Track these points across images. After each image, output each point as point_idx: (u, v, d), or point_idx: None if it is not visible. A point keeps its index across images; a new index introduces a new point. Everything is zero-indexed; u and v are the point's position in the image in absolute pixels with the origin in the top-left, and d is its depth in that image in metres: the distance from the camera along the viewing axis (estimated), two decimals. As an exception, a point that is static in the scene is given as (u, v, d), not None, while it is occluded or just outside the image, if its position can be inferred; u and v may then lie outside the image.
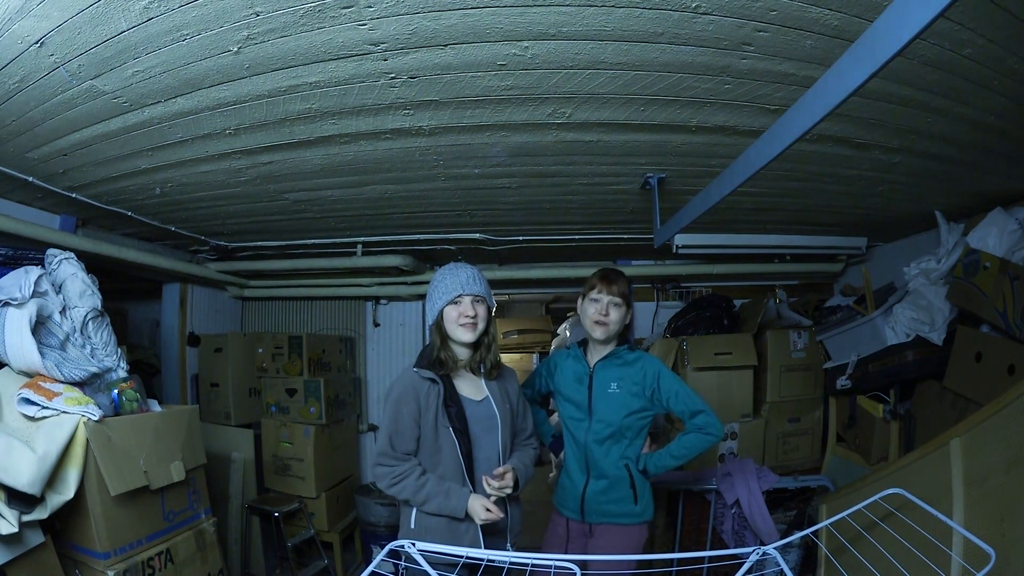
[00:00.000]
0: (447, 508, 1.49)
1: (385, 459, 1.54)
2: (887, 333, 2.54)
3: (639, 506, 1.79)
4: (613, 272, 1.86)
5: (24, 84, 1.38)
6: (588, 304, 1.85)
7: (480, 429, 1.58)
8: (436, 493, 1.49)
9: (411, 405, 1.53)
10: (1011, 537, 1.24)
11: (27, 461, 1.57)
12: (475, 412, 1.59)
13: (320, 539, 3.17)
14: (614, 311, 1.80)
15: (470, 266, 1.63)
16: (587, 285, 1.87)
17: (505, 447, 1.62)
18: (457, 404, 1.56)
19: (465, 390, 1.61)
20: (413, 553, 1.11)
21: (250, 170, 2.01)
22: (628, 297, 1.84)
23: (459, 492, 1.50)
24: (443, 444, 1.53)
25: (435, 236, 3.01)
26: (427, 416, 1.53)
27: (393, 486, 1.52)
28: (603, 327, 1.80)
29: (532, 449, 1.75)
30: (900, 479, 1.63)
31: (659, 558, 1.13)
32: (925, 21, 0.72)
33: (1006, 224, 2.17)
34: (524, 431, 1.76)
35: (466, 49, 1.29)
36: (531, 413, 1.82)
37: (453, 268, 1.60)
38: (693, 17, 1.18)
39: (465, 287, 1.55)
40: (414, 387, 1.54)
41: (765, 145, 1.28)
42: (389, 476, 1.52)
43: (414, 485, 1.50)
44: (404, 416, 1.53)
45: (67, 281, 2.02)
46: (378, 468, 1.55)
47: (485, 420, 1.60)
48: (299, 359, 3.33)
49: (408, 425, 1.53)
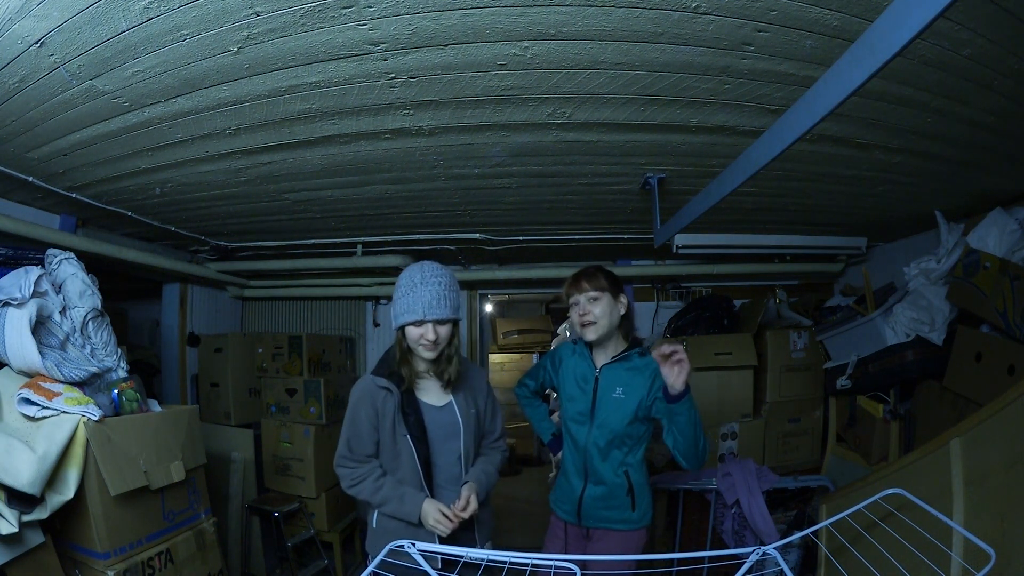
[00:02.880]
0: (402, 513, 1.50)
1: (345, 461, 1.57)
2: (887, 333, 2.54)
3: (637, 513, 1.75)
4: (580, 272, 1.79)
5: (24, 84, 1.38)
6: (572, 312, 1.80)
7: (441, 435, 1.56)
8: (391, 497, 1.50)
9: (368, 410, 1.53)
10: (1011, 537, 1.24)
11: (27, 461, 1.57)
12: (436, 418, 1.57)
13: (320, 539, 3.17)
14: (595, 306, 1.73)
15: (437, 278, 1.50)
16: (564, 296, 1.82)
17: (468, 453, 1.60)
18: (416, 412, 1.54)
19: (426, 396, 1.58)
20: (413, 553, 1.11)
21: (250, 170, 2.01)
22: (608, 287, 1.74)
23: (413, 497, 1.50)
24: (401, 451, 1.53)
25: (435, 236, 3.01)
26: (384, 422, 1.53)
27: (352, 487, 1.55)
28: (591, 326, 1.74)
29: (499, 452, 1.73)
30: (900, 479, 1.63)
31: (659, 558, 1.13)
32: (925, 21, 0.72)
33: (1006, 224, 2.17)
34: (492, 433, 1.73)
35: (466, 49, 1.29)
36: (500, 416, 1.76)
37: (420, 282, 1.48)
38: (693, 17, 1.18)
39: (427, 312, 1.46)
40: (371, 394, 1.54)
41: (765, 145, 1.28)
42: (348, 478, 1.56)
43: (371, 487, 1.53)
44: (362, 420, 1.54)
45: (67, 281, 2.02)
46: (338, 469, 1.58)
47: (446, 426, 1.57)
48: (299, 359, 3.33)
49: (366, 430, 1.54)
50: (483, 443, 1.71)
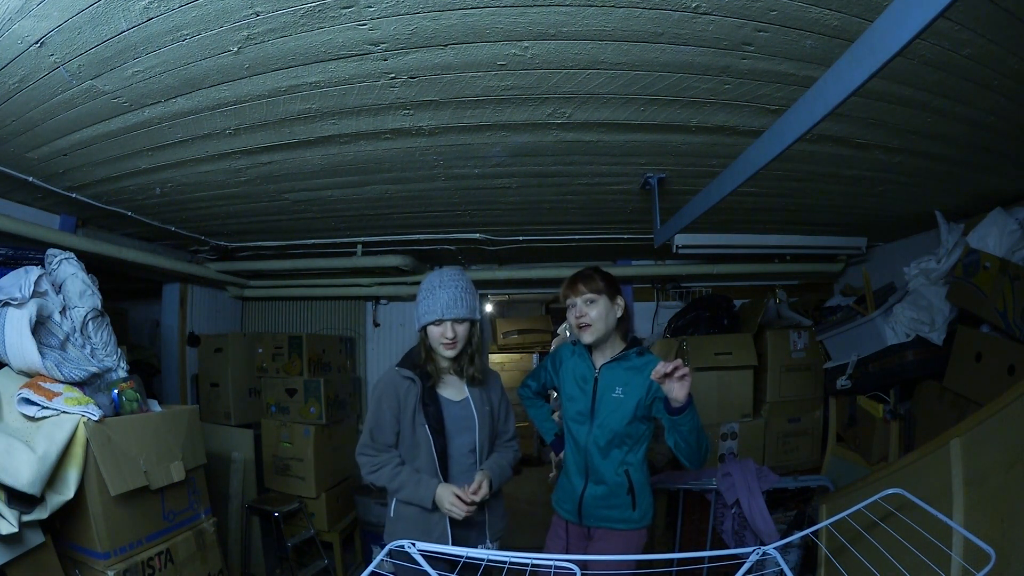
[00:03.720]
0: (416, 497, 1.58)
1: (366, 449, 1.67)
2: (887, 333, 2.54)
3: (637, 512, 1.76)
4: (577, 275, 1.80)
5: (24, 84, 1.38)
6: (569, 314, 1.81)
7: (457, 428, 1.66)
8: (408, 482, 1.60)
9: (391, 401, 1.63)
10: (1011, 537, 1.24)
11: (27, 461, 1.57)
12: (453, 412, 1.67)
13: (320, 539, 3.17)
14: (591, 308, 1.74)
15: (455, 281, 1.62)
16: (561, 299, 1.83)
17: (482, 447, 1.69)
18: (435, 404, 1.64)
19: (446, 391, 1.69)
20: (413, 553, 1.11)
21: (250, 170, 2.01)
22: (605, 289, 1.75)
23: (428, 482, 1.59)
24: (420, 441, 1.63)
25: (435, 236, 3.01)
26: (406, 413, 1.63)
27: (372, 473, 1.64)
28: (587, 328, 1.75)
29: (512, 451, 1.81)
30: (900, 479, 1.63)
31: (659, 558, 1.13)
32: (925, 21, 0.72)
33: (1006, 224, 2.17)
34: (505, 433, 1.82)
35: (466, 49, 1.29)
36: (512, 417, 1.85)
37: (439, 286, 1.61)
38: (693, 17, 1.18)
39: (445, 312, 1.58)
40: (395, 385, 1.64)
41: (765, 145, 1.28)
42: (369, 465, 1.65)
43: (390, 473, 1.62)
44: (384, 411, 1.64)
45: (67, 281, 2.02)
46: (360, 457, 1.68)
47: (462, 420, 1.67)
48: (299, 359, 3.33)
49: (388, 420, 1.64)
50: (497, 442, 1.80)
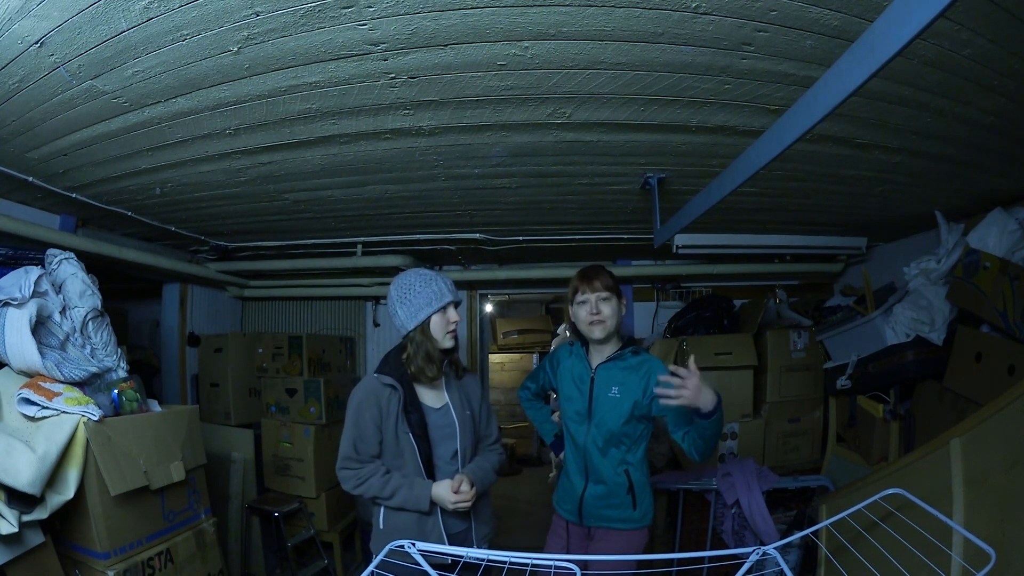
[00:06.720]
0: (412, 499, 1.54)
1: (349, 463, 1.60)
2: (887, 333, 2.54)
3: (638, 512, 1.76)
4: (591, 269, 1.81)
5: (24, 84, 1.37)
6: (578, 308, 1.81)
7: (439, 436, 1.63)
8: (401, 486, 1.55)
9: (372, 411, 1.58)
10: (1011, 537, 1.24)
11: (27, 461, 1.57)
12: (434, 420, 1.64)
13: (320, 539, 3.17)
14: (605, 306, 1.76)
15: (432, 274, 1.63)
16: (570, 290, 1.84)
17: (464, 453, 1.66)
18: (418, 411, 1.60)
19: (425, 397, 1.65)
20: (413, 553, 1.11)
21: (250, 170, 2.01)
22: (615, 288, 1.79)
23: (422, 483, 1.56)
24: (404, 449, 1.59)
25: (435, 236, 3.01)
26: (388, 422, 1.59)
27: (358, 487, 1.57)
28: (600, 325, 1.76)
29: (496, 454, 1.78)
30: (900, 479, 1.63)
31: (659, 558, 1.13)
32: (925, 21, 0.72)
33: (1006, 224, 2.17)
34: (488, 437, 1.79)
35: (466, 49, 1.29)
36: (495, 419, 1.84)
37: (428, 279, 1.60)
38: (693, 17, 1.18)
39: (454, 294, 1.57)
40: (375, 393, 1.60)
41: (765, 145, 1.28)
42: (354, 478, 1.58)
43: (380, 482, 1.56)
44: (367, 421, 1.58)
45: (67, 281, 2.02)
46: (342, 472, 1.60)
47: (443, 427, 1.64)
48: (299, 359, 3.33)
49: (371, 431, 1.58)
50: (480, 446, 1.77)
